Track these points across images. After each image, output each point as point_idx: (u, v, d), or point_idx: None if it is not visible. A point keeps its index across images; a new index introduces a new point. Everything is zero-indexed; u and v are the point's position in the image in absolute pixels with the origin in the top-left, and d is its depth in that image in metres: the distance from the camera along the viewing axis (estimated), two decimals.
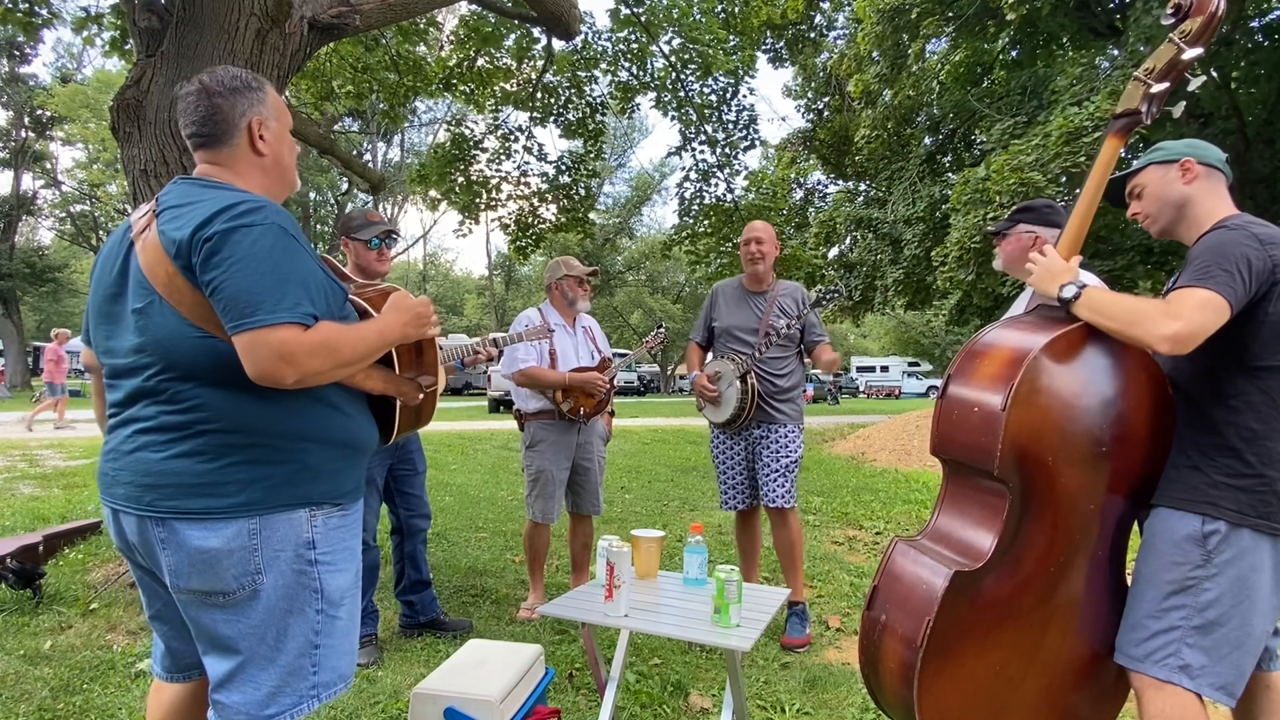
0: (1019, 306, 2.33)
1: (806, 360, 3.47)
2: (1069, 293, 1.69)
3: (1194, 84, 1.70)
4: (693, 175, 10.15)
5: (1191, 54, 1.66)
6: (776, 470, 3.27)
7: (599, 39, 9.08)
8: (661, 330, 4.05)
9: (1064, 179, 7.67)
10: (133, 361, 1.38)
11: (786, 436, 3.30)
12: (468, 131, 10.11)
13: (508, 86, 9.14)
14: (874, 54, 11.67)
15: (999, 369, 1.69)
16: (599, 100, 9.59)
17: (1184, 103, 1.76)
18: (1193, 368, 1.69)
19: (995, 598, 1.66)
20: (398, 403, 1.58)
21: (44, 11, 5.27)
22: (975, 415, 1.70)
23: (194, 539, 1.31)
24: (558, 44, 8.22)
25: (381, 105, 8.27)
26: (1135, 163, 1.85)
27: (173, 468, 1.32)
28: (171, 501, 1.32)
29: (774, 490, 3.27)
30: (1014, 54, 12.05)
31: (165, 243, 1.33)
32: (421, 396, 1.59)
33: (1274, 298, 1.57)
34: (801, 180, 16.52)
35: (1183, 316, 1.52)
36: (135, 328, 1.37)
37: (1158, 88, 1.70)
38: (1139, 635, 1.65)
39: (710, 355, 3.55)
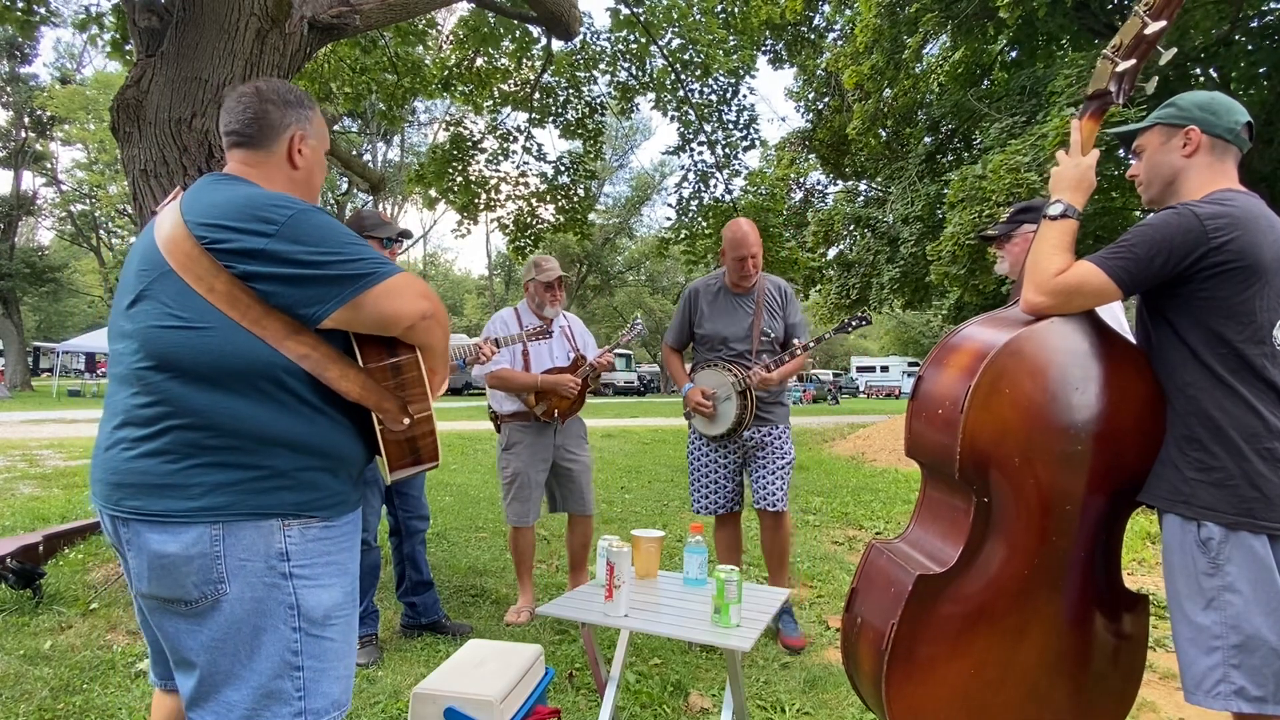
0: None
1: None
2: (1053, 210, 1.67)
3: (1165, 58, 1.63)
4: (691, 176, 10.15)
5: (1155, 27, 1.57)
6: (773, 473, 3.22)
7: (598, 39, 9.08)
8: (638, 325, 3.90)
9: None
10: (121, 348, 1.33)
11: (780, 438, 3.25)
12: (466, 131, 10.09)
13: (506, 87, 9.13)
14: (870, 48, 11.62)
15: (960, 369, 1.63)
16: (598, 100, 9.59)
17: (1156, 79, 1.68)
18: (1155, 359, 1.64)
19: (965, 602, 1.61)
20: (377, 426, 1.38)
21: (42, 10, 5.26)
22: (939, 416, 1.64)
23: (153, 542, 1.26)
24: (557, 44, 8.22)
25: (380, 106, 8.27)
26: (1150, 116, 1.73)
27: (139, 466, 1.27)
28: (135, 501, 1.26)
29: (772, 494, 3.20)
30: (1013, 54, 12.05)
31: (189, 225, 1.29)
32: (408, 422, 1.39)
33: (1205, 277, 1.51)
34: (801, 180, 16.52)
35: (1056, 294, 1.58)
36: (129, 315, 1.32)
37: (1124, 65, 1.61)
38: (1186, 664, 1.55)
39: (692, 362, 3.43)
